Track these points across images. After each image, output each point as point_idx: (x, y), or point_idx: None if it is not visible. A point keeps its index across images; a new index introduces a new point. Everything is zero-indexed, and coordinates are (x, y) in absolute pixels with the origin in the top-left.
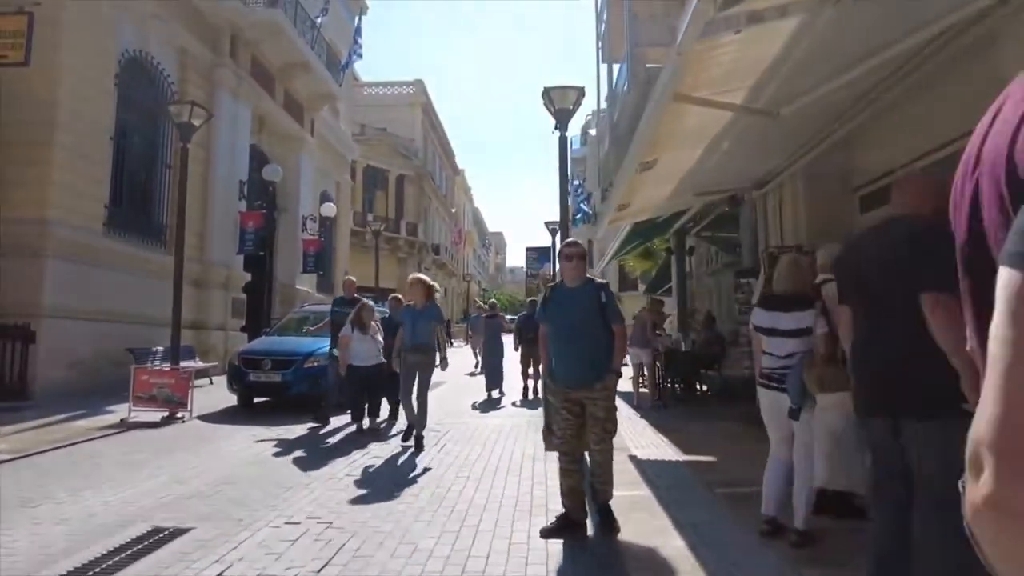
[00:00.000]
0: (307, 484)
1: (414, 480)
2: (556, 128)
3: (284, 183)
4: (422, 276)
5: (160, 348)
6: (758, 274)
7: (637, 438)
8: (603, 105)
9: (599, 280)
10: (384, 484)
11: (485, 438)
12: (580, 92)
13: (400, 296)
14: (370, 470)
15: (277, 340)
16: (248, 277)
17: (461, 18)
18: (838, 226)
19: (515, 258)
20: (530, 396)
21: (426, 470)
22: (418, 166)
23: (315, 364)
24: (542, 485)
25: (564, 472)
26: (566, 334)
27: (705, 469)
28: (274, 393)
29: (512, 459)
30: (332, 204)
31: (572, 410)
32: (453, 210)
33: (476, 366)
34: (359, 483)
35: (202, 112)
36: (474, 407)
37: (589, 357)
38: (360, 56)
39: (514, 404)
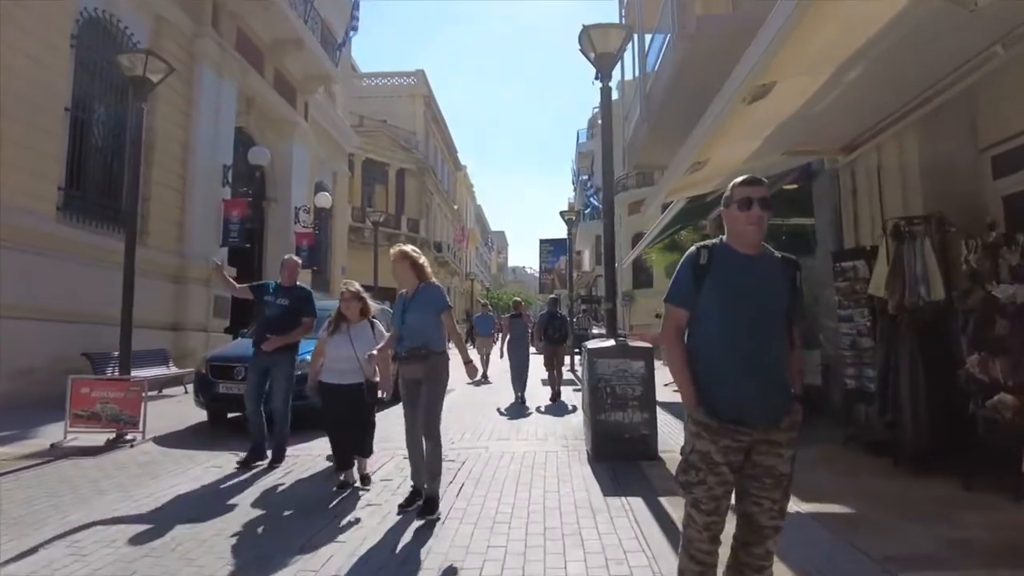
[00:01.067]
0: (267, 561)
1: (428, 558)
2: (597, 78)
3: (275, 170)
4: (407, 248)
5: None
6: (866, 256)
7: None
8: (616, 95)
9: (781, 253)
10: (382, 564)
11: (516, 474)
12: (626, 33)
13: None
14: (363, 536)
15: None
16: (233, 272)
17: (460, 15)
18: (963, 194)
19: (516, 258)
20: (556, 401)
21: (443, 536)
22: (419, 159)
23: (297, 373)
24: (622, 564)
25: (699, 565)
26: (743, 332)
27: (851, 527)
28: None
29: (562, 512)
30: (327, 194)
31: (734, 463)
32: (456, 207)
33: (482, 374)
34: (345, 564)
35: (161, 65)
36: (494, 423)
37: (775, 374)
38: (356, 30)
39: (539, 410)
